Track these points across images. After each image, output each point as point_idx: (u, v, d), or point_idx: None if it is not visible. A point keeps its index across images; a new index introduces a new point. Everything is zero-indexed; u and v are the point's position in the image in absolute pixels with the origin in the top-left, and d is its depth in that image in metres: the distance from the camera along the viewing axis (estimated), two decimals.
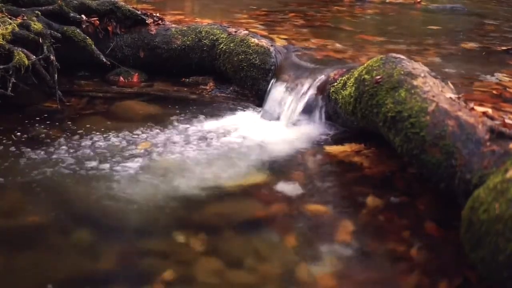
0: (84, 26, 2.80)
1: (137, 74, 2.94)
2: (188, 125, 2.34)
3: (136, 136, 2.20)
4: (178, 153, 2.06)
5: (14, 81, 2.33)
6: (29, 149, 2.03)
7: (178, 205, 1.71)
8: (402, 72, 1.85)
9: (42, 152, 2.01)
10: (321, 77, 2.36)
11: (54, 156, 1.98)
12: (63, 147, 2.07)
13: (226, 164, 2.00)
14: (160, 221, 1.62)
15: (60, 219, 1.64)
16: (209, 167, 1.97)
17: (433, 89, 1.75)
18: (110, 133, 2.21)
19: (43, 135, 2.19)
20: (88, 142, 2.12)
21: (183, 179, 1.87)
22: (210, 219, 1.66)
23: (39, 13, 2.67)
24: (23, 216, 1.65)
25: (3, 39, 2.36)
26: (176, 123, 2.36)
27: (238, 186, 1.84)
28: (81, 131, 2.22)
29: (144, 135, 2.21)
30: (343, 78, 2.20)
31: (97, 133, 2.20)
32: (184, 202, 1.73)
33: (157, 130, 2.27)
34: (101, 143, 2.11)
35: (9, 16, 2.54)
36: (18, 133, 2.18)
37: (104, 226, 1.60)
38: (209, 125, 2.36)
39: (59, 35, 2.60)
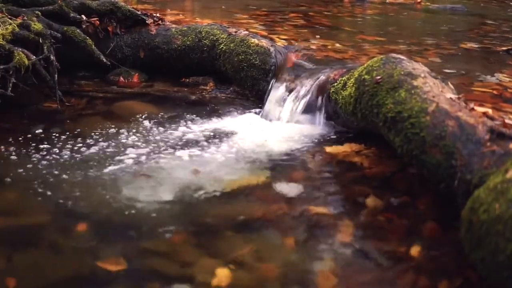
0: (84, 26, 2.81)
1: (137, 74, 2.94)
2: (188, 125, 2.34)
3: (136, 136, 2.20)
4: (178, 153, 2.06)
5: (14, 81, 2.33)
6: (29, 149, 2.03)
7: (178, 205, 1.71)
8: (402, 73, 1.85)
9: (42, 152, 2.01)
10: (321, 77, 2.36)
11: (54, 156, 1.98)
12: (63, 147, 2.06)
13: (226, 164, 2.00)
14: (160, 222, 1.61)
15: (60, 219, 1.64)
16: (209, 167, 1.97)
17: (433, 89, 1.75)
18: (110, 134, 2.21)
19: (43, 135, 2.18)
20: (88, 143, 2.12)
21: (183, 179, 1.87)
22: (210, 219, 1.66)
23: (39, 13, 2.67)
24: (23, 216, 1.65)
25: (3, 39, 2.36)
26: (176, 123, 2.36)
27: (238, 186, 1.84)
28: (81, 131, 2.22)
29: (144, 135, 2.21)
30: (343, 78, 2.20)
31: (97, 134, 2.20)
32: (183, 202, 1.73)
33: (157, 130, 2.27)
34: (101, 144, 2.11)
35: (9, 16, 2.54)
36: (18, 133, 2.18)
37: (104, 226, 1.60)
38: (209, 125, 2.36)
39: (59, 35, 2.60)
